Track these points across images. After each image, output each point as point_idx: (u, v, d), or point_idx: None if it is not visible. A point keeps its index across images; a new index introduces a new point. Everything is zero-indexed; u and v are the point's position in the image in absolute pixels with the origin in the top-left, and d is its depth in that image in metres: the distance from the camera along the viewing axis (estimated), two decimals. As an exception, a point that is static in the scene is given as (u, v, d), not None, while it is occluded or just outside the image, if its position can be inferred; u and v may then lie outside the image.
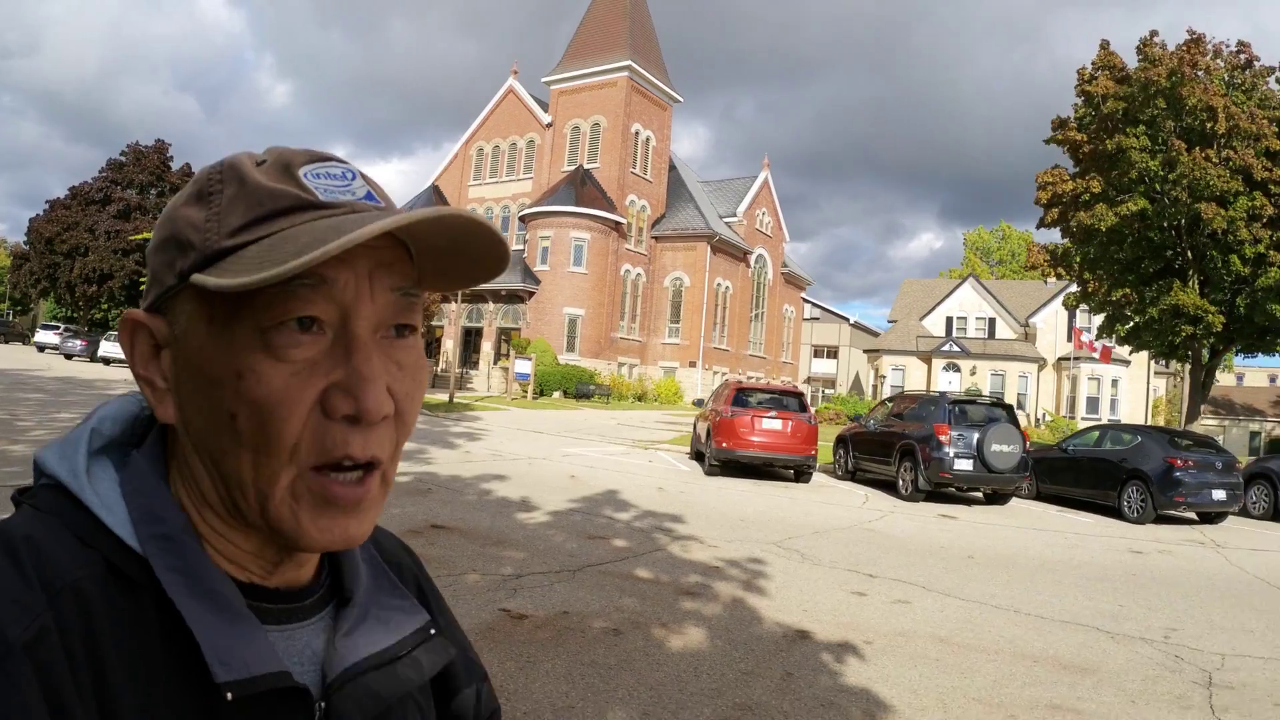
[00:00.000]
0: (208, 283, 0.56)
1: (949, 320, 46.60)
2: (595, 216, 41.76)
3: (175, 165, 60.02)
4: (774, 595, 6.76)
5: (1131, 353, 22.02)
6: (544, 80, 47.23)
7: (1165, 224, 18.61)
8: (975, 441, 13.16)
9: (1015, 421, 13.83)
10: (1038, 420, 40.69)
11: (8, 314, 73.84)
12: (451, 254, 0.65)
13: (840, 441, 16.91)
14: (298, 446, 0.59)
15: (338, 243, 0.54)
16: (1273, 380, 78.83)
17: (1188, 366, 21.12)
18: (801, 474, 15.10)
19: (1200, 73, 18.70)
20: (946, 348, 43.62)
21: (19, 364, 32.30)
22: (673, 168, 49.55)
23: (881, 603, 6.85)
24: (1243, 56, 19.79)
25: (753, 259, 50.77)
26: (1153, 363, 43.37)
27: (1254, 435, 65.60)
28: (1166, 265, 19.77)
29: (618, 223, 43.11)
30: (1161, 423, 46.13)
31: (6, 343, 55.90)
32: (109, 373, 33.96)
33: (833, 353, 59.43)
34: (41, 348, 45.61)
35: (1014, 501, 14.87)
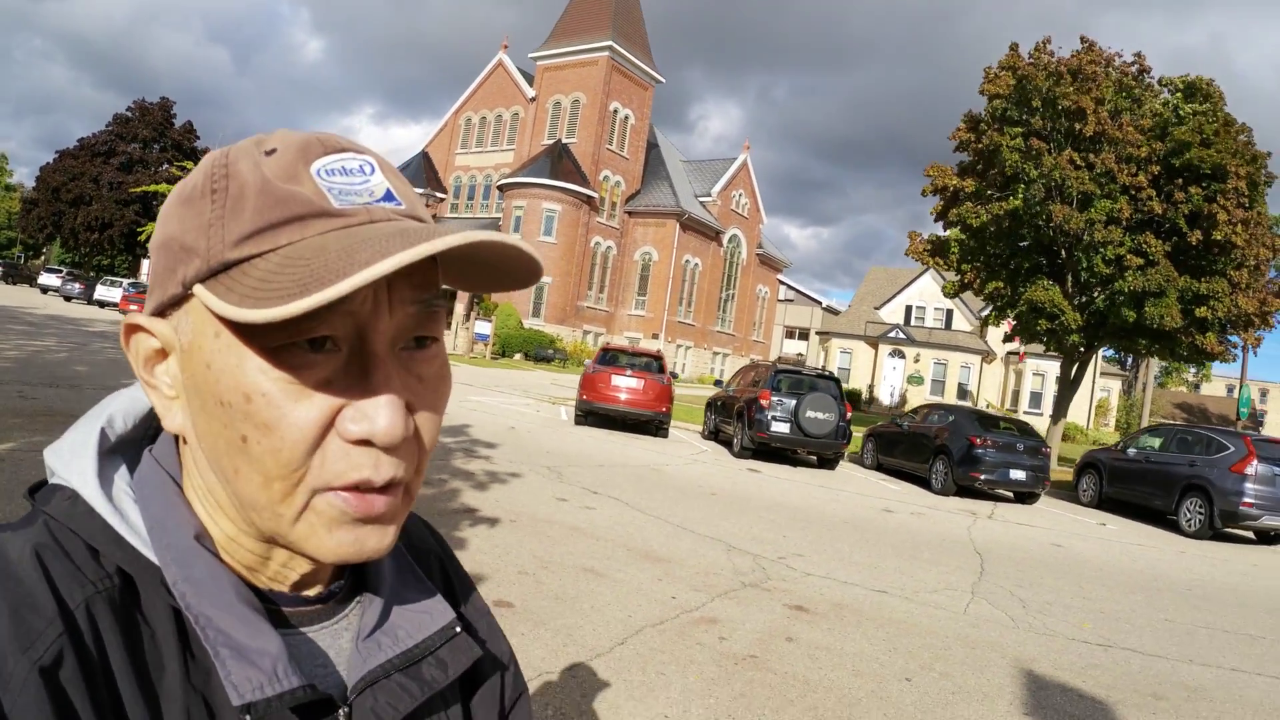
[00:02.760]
0: (216, 306, 0.53)
1: (908, 309, 48.16)
2: (567, 190, 43.67)
3: (181, 121, 62.29)
4: (492, 493, 8.64)
5: (1023, 342, 23.54)
6: (531, 56, 49.10)
7: (1036, 223, 20.17)
8: (793, 408, 14.99)
9: (838, 393, 15.61)
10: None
11: (19, 257, 76.52)
12: (481, 265, 0.61)
13: (708, 405, 18.81)
14: (312, 470, 0.57)
15: (356, 279, 0.49)
16: (1230, 391, 79.83)
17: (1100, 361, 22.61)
18: (658, 429, 17.01)
19: (1086, 80, 20.07)
20: (893, 334, 45.31)
21: (18, 302, 34.65)
22: (654, 145, 51.31)
23: (573, 507, 8.73)
24: (1135, 67, 21.29)
25: (725, 238, 52.57)
26: (1100, 361, 44.86)
27: None
28: (1037, 263, 21.43)
29: (589, 196, 45.04)
30: (1111, 422, 47.62)
31: (14, 284, 58.33)
32: (96, 313, 36.45)
33: (804, 334, 61.03)
34: (45, 290, 48.22)
35: (847, 468, 16.75)
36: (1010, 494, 15.57)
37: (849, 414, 15.57)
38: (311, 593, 0.68)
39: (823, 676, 4.83)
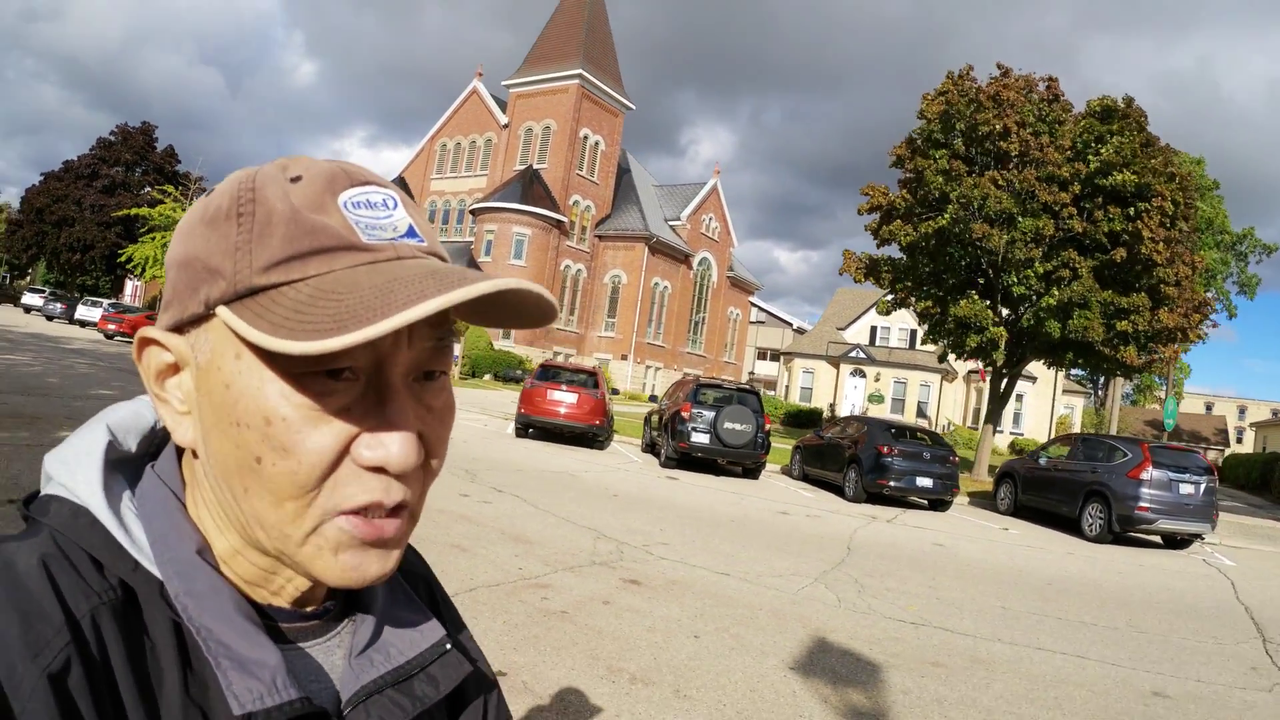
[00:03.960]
0: (248, 334, 0.55)
1: (873, 329, 49.14)
2: (537, 214, 44.69)
3: (164, 145, 63.32)
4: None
5: (963, 359, 24.36)
6: (504, 83, 50.22)
7: (961, 241, 21.07)
8: (712, 419, 15.76)
9: (757, 406, 16.37)
10: (942, 428, 43.23)
11: (5, 277, 77.31)
12: (494, 306, 0.61)
13: (645, 420, 19.61)
14: (324, 493, 0.59)
15: (395, 320, 0.51)
16: (1208, 408, 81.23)
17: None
18: (592, 440, 17.76)
19: (1004, 105, 21.04)
20: (854, 354, 46.25)
21: (1, 321, 35.53)
22: (626, 170, 52.39)
23: (472, 501, 9.42)
24: (1049, 91, 22.29)
25: (696, 261, 53.57)
26: (1061, 379, 45.81)
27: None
28: (968, 279, 22.34)
29: (559, 221, 46.06)
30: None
31: None
32: (76, 332, 37.55)
33: (776, 356, 61.95)
34: (28, 309, 49.60)
35: (774, 478, 17.52)
36: (924, 501, 16.29)
37: (768, 426, 16.32)
38: (308, 609, 0.69)
39: (617, 630, 5.55)
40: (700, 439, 15.72)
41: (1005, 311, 22.12)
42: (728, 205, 56.80)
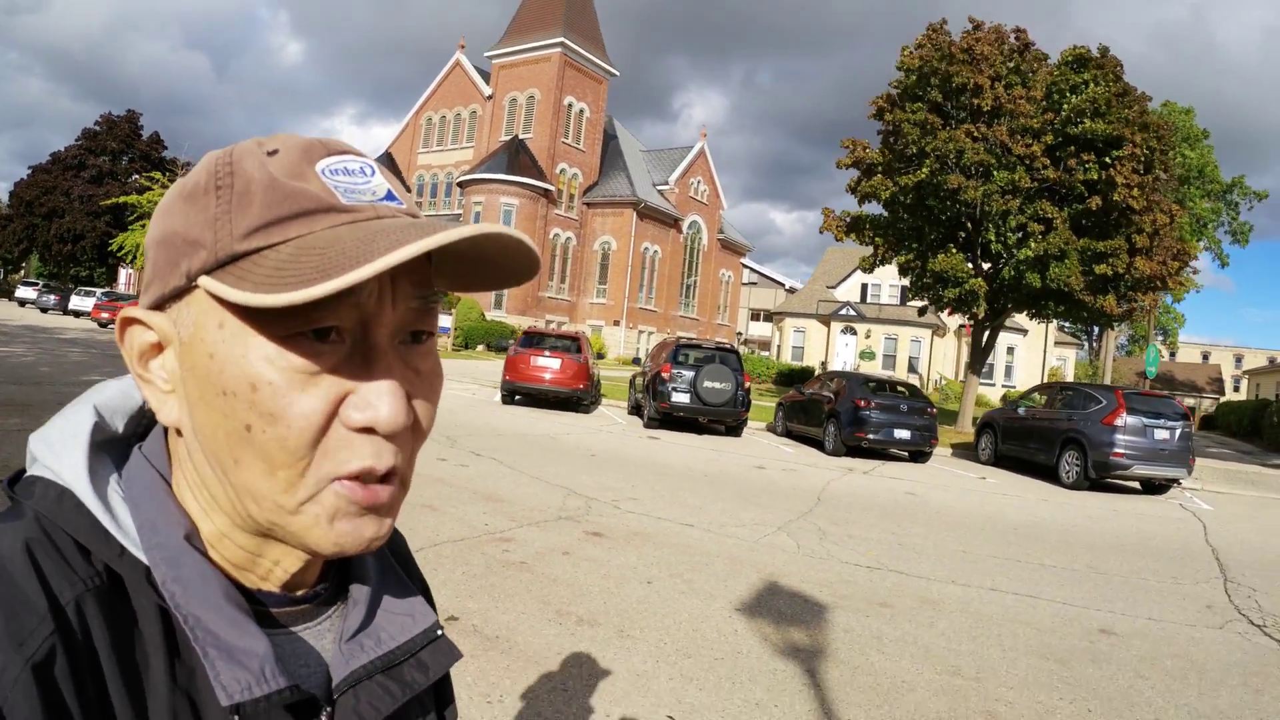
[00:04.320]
0: (230, 295, 0.54)
1: (864, 287, 49.21)
2: (523, 184, 44.71)
3: (149, 132, 63.18)
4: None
5: (945, 312, 24.52)
6: (486, 54, 50.02)
7: (939, 194, 21.15)
8: (691, 379, 15.98)
9: (736, 365, 16.58)
10: (933, 383, 43.50)
11: (-1, 272, 77.44)
12: (476, 262, 0.62)
13: (630, 382, 19.84)
14: (316, 459, 0.58)
15: (379, 263, 0.51)
16: (1205, 358, 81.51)
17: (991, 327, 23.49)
18: (577, 405, 18.00)
19: (977, 59, 21.07)
20: (844, 312, 46.41)
21: (-7, 314, 35.79)
22: (613, 136, 52.33)
23: (449, 465, 9.64)
24: (1019, 41, 22.25)
25: (685, 225, 53.61)
26: (1052, 330, 45.97)
27: (1192, 411, 68.75)
28: (949, 234, 22.46)
29: (546, 190, 46.09)
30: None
31: (-8, 298, 59.54)
32: (70, 322, 37.87)
33: (770, 316, 62.14)
34: (22, 303, 49.80)
35: (758, 435, 17.78)
36: (905, 453, 16.53)
37: (748, 384, 16.54)
38: (298, 593, 0.69)
39: (573, 578, 5.78)
40: (681, 398, 15.94)
41: (987, 265, 22.20)
42: (719, 168, 56.87)
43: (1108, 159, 19.92)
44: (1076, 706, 4.52)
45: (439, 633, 0.74)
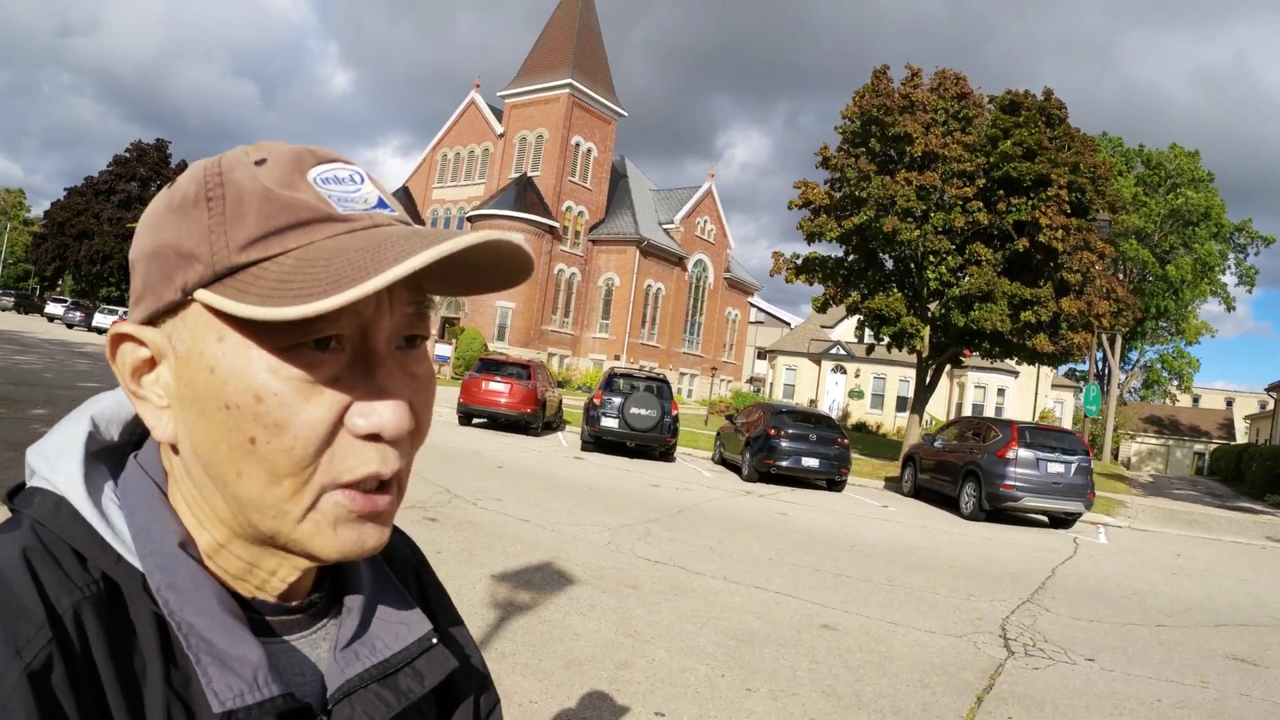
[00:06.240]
0: (235, 309, 0.54)
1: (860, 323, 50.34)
2: (530, 220, 46.65)
3: (175, 160, 66.56)
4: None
5: (889, 349, 25.64)
6: (499, 94, 52.31)
7: (878, 236, 22.33)
8: (620, 405, 17.34)
9: (664, 393, 17.86)
10: (925, 422, 44.34)
11: (34, 289, 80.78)
12: (470, 267, 0.61)
13: (584, 409, 21.22)
14: (321, 467, 0.58)
15: (392, 273, 0.52)
16: (1229, 403, 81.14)
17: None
18: (526, 427, 19.43)
19: (914, 106, 22.41)
20: (834, 351, 47.54)
21: (22, 328, 38.60)
22: (623, 175, 54.27)
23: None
24: (958, 88, 23.38)
25: (690, 264, 55.28)
26: (1043, 373, 46.63)
27: (1198, 455, 68.67)
28: (892, 275, 23.72)
29: (551, 226, 47.98)
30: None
31: (26, 314, 62.38)
32: (92, 338, 40.30)
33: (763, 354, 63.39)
34: (51, 318, 52.97)
35: (688, 462, 19.12)
36: (822, 483, 17.59)
37: (675, 412, 17.84)
38: (292, 602, 0.69)
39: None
40: (609, 423, 17.30)
41: (933, 305, 23.24)
42: (760, 207, 58.34)
43: (1037, 200, 21.01)
44: (730, 678, 4.91)
45: (434, 641, 0.74)
